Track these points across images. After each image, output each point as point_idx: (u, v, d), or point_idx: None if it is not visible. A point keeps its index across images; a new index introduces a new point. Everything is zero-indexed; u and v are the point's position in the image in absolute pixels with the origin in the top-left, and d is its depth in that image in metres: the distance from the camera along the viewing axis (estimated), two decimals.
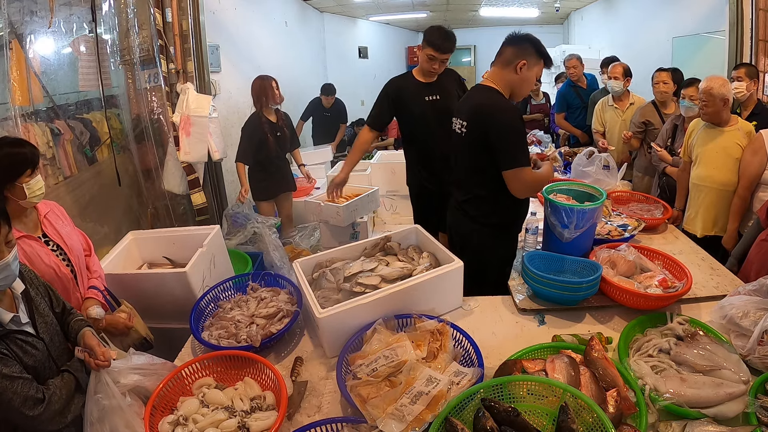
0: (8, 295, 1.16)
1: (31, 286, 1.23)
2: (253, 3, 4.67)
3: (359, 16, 7.97)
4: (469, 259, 1.63)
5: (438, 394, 1.11)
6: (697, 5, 4.28)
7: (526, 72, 1.69)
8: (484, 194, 1.80)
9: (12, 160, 1.37)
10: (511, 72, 1.70)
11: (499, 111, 1.67)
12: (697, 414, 1.09)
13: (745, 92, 2.51)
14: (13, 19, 2.21)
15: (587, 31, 7.48)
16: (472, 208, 1.85)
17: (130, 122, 3.01)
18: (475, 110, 1.74)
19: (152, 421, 1.17)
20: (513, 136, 1.66)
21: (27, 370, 1.11)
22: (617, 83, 3.39)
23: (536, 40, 1.71)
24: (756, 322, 1.30)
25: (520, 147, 1.67)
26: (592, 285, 1.54)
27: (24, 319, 1.16)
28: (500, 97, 1.72)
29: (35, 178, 1.43)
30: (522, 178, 1.67)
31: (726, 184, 2.28)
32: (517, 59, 1.68)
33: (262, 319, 1.58)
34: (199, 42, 3.09)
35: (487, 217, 1.82)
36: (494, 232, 1.84)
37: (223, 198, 3.49)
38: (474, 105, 1.77)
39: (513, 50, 1.69)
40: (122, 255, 2.14)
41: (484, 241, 1.84)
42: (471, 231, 1.87)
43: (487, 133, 1.67)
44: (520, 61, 1.67)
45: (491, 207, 1.80)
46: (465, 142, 1.79)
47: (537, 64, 1.71)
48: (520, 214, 1.90)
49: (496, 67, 1.76)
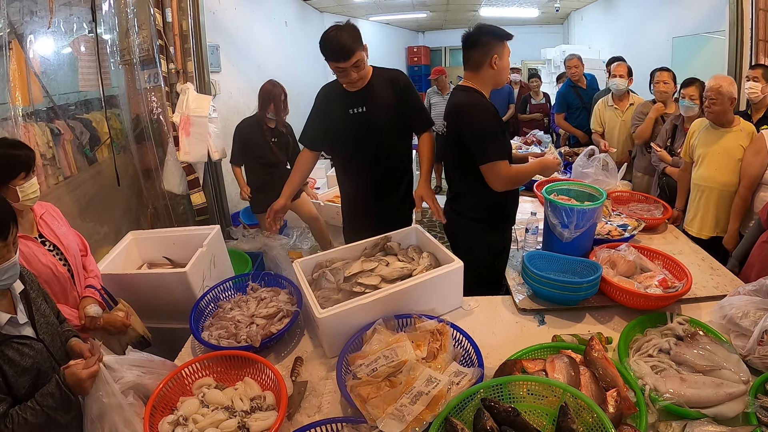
0: (7, 296, 1.16)
1: (30, 286, 1.23)
2: (253, 3, 4.67)
3: (359, 16, 7.98)
4: (460, 255, 1.64)
5: (438, 394, 1.11)
6: (697, 5, 4.29)
7: (500, 62, 1.75)
8: (466, 190, 1.89)
9: (6, 162, 1.37)
10: (487, 70, 1.76)
11: (472, 109, 1.74)
12: (697, 414, 1.09)
13: (760, 94, 2.44)
14: (13, 19, 2.21)
15: (587, 31, 7.49)
16: (459, 205, 1.95)
17: (130, 122, 3.01)
18: (451, 111, 1.85)
19: (152, 421, 1.17)
20: (485, 132, 1.72)
21: (26, 372, 1.10)
22: (621, 81, 3.39)
23: (489, 27, 1.74)
24: (756, 322, 1.30)
25: (492, 142, 1.72)
26: (592, 285, 1.54)
27: (22, 320, 1.15)
28: (475, 97, 1.78)
29: (30, 181, 1.43)
30: (497, 171, 1.72)
31: (728, 185, 2.28)
32: (486, 57, 1.73)
33: (262, 319, 1.58)
34: (199, 42, 3.09)
35: (473, 212, 1.89)
36: (482, 227, 1.90)
37: (223, 198, 3.49)
38: (450, 106, 1.87)
39: (478, 51, 1.74)
40: (122, 255, 2.14)
41: (473, 236, 1.91)
42: (460, 227, 1.96)
43: (460, 132, 1.76)
44: (492, 57, 1.73)
45: (475, 202, 1.87)
46: (446, 143, 1.88)
47: (504, 48, 1.75)
48: (506, 209, 1.93)
49: (469, 72, 1.81)
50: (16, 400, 1.09)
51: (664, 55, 4.65)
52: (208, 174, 3.26)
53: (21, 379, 1.09)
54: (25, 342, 1.13)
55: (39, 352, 1.15)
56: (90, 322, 1.56)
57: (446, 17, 8.65)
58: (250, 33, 4.55)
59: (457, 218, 1.95)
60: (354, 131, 1.99)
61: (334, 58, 1.81)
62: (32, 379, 1.12)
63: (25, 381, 1.11)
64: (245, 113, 4.31)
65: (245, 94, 4.34)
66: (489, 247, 1.91)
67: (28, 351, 1.12)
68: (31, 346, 1.13)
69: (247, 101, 4.37)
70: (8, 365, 1.07)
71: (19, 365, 1.09)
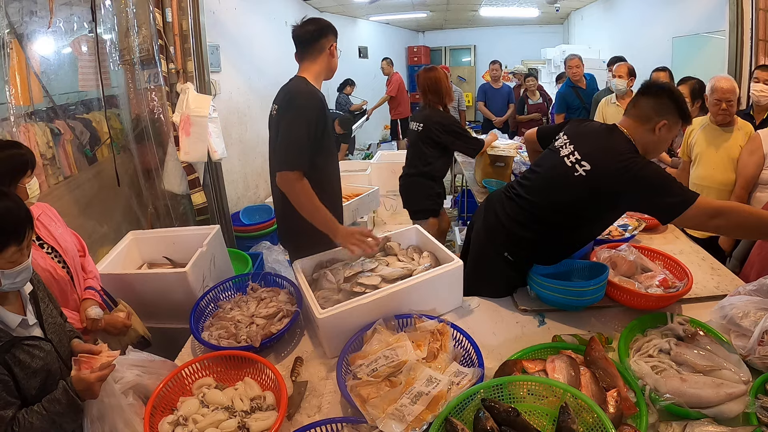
0: (17, 298, 1.16)
1: (37, 287, 1.23)
2: (253, 3, 4.66)
3: (359, 16, 7.99)
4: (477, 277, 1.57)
5: (438, 394, 1.11)
6: (697, 5, 4.28)
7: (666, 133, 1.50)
8: (533, 236, 1.65)
9: (15, 162, 1.38)
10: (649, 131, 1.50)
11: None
12: (698, 414, 1.09)
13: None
14: (13, 20, 2.20)
15: (587, 31, 7.49)
16: (513, 247, 1.71)
17: (130, 122, 3.01)
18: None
19: (152, 421, 1.17)
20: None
21: (36, 374, 1.10)
22: (621, 82, 3.39)
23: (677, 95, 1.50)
24: (756, 322, 1.30)
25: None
26: (598, 288, 1.51)
27: (32, 321, 1.16)
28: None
29: (33, 179, 1.44)
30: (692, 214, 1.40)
31: (726, 184, 2.28)
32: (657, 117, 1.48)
33: (262, 319, 1.58)
34: (199, 42, 3.09)
35: (522, 254, 1.67)
36: (512, 267, 1.70)
37: (223, 198, 3.48)
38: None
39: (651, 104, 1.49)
40: (122, 255, 2.14)
41: (501, 271, 1.73)
42: (489, 260, 1.76)
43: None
44: (659, 122, 1.48)
45: (534, 250, 1.65)
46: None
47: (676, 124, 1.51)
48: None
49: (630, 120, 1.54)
50: (26, 401, 1.08)
51: (664, 55, 4.65)
52: (208, 174, 3.26)
53: (31, 381, 1.09)
54: (35, 343, 1.13)
55: (48, 353, 1.15)
56: (91, 324, 1.56)
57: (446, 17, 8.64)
58: (250, 33, 4.55)
59: (493, 254, 1.72)
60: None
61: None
62: (42, 380, 1.12)
63: (35, 382, 1.10)
64: (245, 113, 4.33)
65: (245, 93, 4.35)
66: (511, 282, 1.74)
67: (38, 353, 1.12)
68: (40, 347, 1.13)
69: (247, 101, 4.37)
70: (19, 368, 1.07)
71: (29, 367, 1.09)
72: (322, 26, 1.86)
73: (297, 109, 1.72)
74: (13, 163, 1.37)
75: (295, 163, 1.67)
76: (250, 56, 4.52)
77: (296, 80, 1.84)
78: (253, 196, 4.54)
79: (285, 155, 1.70)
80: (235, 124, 4.22)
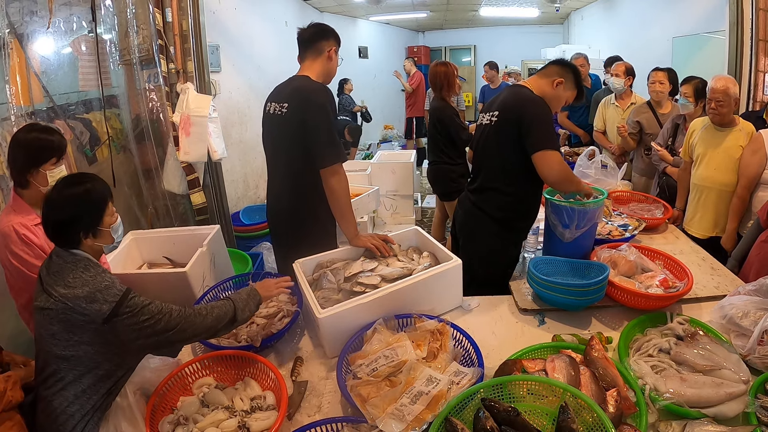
0: None
1: None
2: (253, 3, 4.66)
3: (359, 15, 7.98)
4: (474, 260, 1.67)
5: (438, 394, 1.11)
6: (697, 5, 4.28)
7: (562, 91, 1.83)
8: (498, 186, 1.89)
9: (40, 146, 1.39)
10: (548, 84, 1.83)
11: (533, 102, 1.79)
12: (697, 414, 1.09)
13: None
14: (13, 19, 2.20)
15: (587, 31, 7.48)
16: (483, 200, 1.94)
17: (130, 122, 3.01)
18: (510, 102, 1.85)
19: (152, 421, 1.17)
20: (545, 122, 1.76)
21: None
22: (618, 80, 3.40)
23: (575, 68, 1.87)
24: (756, 322, 1.30)
25: (551, 132, 1.78)
26: (599, 287, 1.51)
27: None
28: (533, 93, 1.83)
29: (59, 167, 1.45)
30: (552, 160, 1.70)
31: (727, 185, 2.27)
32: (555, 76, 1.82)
33: (262, 319, 1.58)
34: (199, 42, 3.09)
35: (499, 211, 1.89)
36: (500, 229, 1.91)
37: (223, 198, 3.48)
38: (510, 97, 1.87)
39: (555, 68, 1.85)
40: (122, 255, 2.14)
41: (491, 243, 1.92)
42: (477, 225, 1.95)
43: (519, 121, 1.75)
44: (557, 79, 1.81)
45: (502, 199, 1.88)
46: (492, 133, 1.87)
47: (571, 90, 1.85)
48: (530, 211, 1.96)
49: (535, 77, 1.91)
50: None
51: (664, 55, 4.64)
52: (208, 174, 3.26)
53: None
54: None
55: None
56: None
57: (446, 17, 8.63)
58: (250, 33, 4.55)
59: (478, 213, 1.93)
60: None
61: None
62: None
63: None
64: (245, 113, 4.33)
65: (245, 93, 4.34)
66: (507, 256, 1.93)
67: None
68: None
69: (248, 101, 4.37)
70: None
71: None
72: (325, 29, 1.93)
73: (320, 106, 1.77)
74: (37, 146, 1.38)
75: (342, 156, 1.81)
76: (250, 56, 4.52)
77: (302, 79, 1.87)
78: (253, 196, 4.54)
79: (332, 149, 1.77)
80: (235, 124, 4.22)
